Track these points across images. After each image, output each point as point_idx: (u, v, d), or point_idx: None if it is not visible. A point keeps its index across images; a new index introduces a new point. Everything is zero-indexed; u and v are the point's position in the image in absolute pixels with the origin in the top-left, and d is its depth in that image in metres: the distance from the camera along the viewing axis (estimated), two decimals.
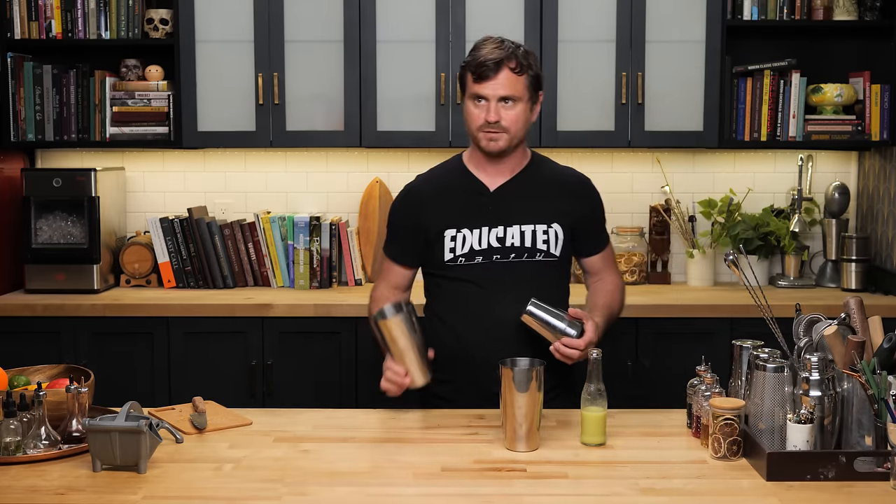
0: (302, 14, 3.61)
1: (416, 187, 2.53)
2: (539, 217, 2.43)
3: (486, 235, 2.40)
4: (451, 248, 2.41)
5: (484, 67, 2.33)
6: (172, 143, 3.69)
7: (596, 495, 1.81)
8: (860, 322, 2.03)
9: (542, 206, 2.44)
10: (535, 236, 2.41)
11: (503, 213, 2.42)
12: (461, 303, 2.42)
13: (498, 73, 2.33)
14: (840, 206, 3.84)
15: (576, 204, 2.49)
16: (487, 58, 2.33)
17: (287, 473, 1.91)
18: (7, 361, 2.39)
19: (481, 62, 2.33)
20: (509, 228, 2.41)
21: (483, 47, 2.37)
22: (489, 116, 2.34)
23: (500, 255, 2.40)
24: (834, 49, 3.86)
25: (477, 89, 2.35)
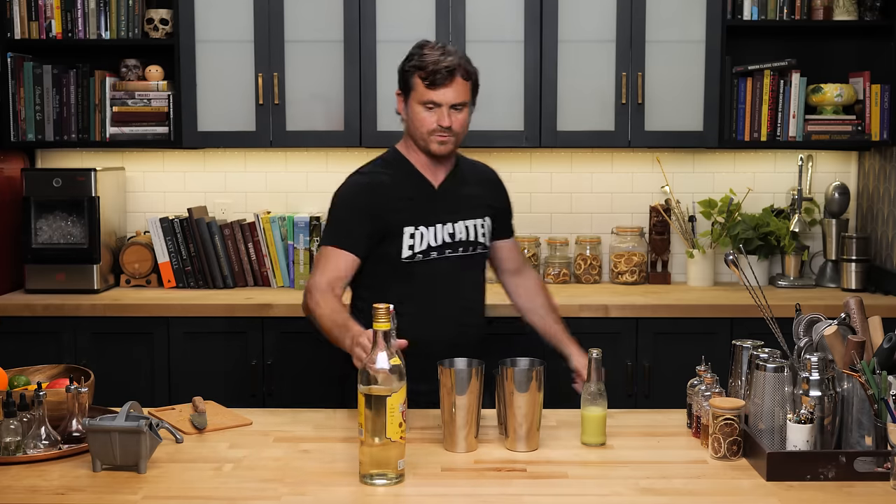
0: (302, 14, 3.62)
1: (372, 181, 2.51)
2: (476, 212, 2.56)
3: (441, 232, 2.49)
4: (409, 245, 2.46)
5: (438, 75, 2.39)
6: (172, 143, 3.69)
7: (596, 495, 1.81)
8: (860, 322, 2.03)
9: (476, 200, 2.58)
10: (476, 230, 2.56)
11: (450, 210, 2.52)
12: (416, 298, 2.45)
13: (452, 80, 2.41)
14: (840, 206, 3.84)
15: (496, 196, 2.66)
16: (441, 65, 2.40)
17: (287, 473, 1.91)
18: (7, 361, 2.39)
19: (435, 70, 2.39)
20: (456, 224, 2.52)
21: (429, 52, 2.42)
22: (443, 122, 2.42)
23: (451, 251, 2.51)
24: (834, 49, 3.86)
25: (431, 96, 2.41)
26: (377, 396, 1.83)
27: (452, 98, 2.42)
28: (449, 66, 2.40)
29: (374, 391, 1.83)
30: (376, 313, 1.86)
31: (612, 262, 3.88)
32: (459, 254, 2.52)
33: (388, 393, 1.82)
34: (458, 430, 2.02)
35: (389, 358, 1.84)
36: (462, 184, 2.57)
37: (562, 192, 3.95)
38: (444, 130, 2.43)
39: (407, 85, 2.46)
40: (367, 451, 1.85)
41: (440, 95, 2.41)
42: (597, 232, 3.96)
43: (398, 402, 1.84)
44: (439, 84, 2.40)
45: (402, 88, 2.49)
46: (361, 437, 1.85)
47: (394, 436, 1.84)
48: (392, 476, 1.85)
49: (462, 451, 2.02)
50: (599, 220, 3.98)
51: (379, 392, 1.83)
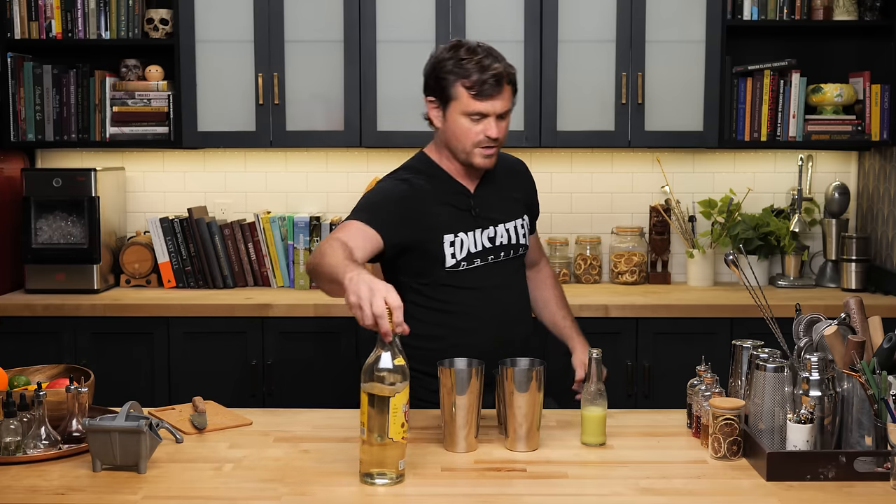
0: (302, 14, 3.62)
1: (414, 186, 2.37)
2: (514, 213, 2.48)
3: (480, 237, 2.39)
4: (451, 254, 2.35)
5: (486, 85, 2.25)
6: (172, 143, 3.69)
7: (596, 495, 1.81)
8: (860, 322, 2.03)
9: (512, 200, 2.49)
10: (517, 232, 2.47)
11: (488, 214, 2.42)
12: (463, 308, 2.37)
13: (501, 90, 2.28)
14: (840, 206, 3.84)
15: (526, 190, 2.57)
16: (487, 75, 2.25)
17: (287, 473, 1.91)
18: (7, 361, 2.39)
19: (482, 80, 2.25)
20: (497, 228, 2.43)
21: (469, 58, 2.27)
22: (491, 132, 2.29)
23: (493, 256, 2.41)
24: (834, 49, 3.86)
25: (479, 107, 2.27)
26: (380, 396, 1.82)
27: (501, 108, 2.29)
28: (496, 75, 2.26)
29: (377, 390, 1.82)
30: None
31: (612, 262, 3.88)
32: (502, 259, 2.42)
33: (392, 394, 1.82)
34: (458, 430, 2.02)
35: (394, 358, 1.84)
36: (498, 185, 2.45)
37: (562, 192, 3.95)
38: (491, 142, 2.30)
39: (445, 93, 2.29)
40: (368, 451, 1.84)
41: (489, 106, 2.27)
42: (597, 232, 3.96)
43: (401, 402, 1.83)
44: (487, 95, 2.25)
45: (436, 95, 2.32)
46: (363, 436, 1.84)
47: (396, 436, 1.82)
48: (392, 476, 1.85)
49: (462, 451, 2.02)
50: (599, 220, 3.98)
51: (382, 392, 1.82)
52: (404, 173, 2.42)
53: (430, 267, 2.36)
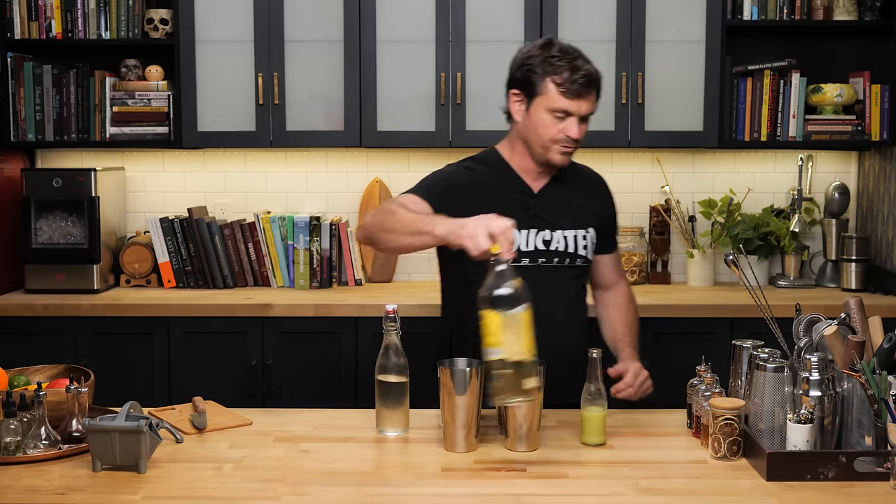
0: (302, 14, 3.62)
1: (474, 176, 2.40)
2: (579, 222, 2.43)
3: (533, 238, 2.38)
4: None
5: (576, 85, 2.27)
6: (172, 143, 3.69)
7: (596, 495, 1.81)
8: (860, 322, 2.03)
9: (579, 210, 2.45)
10: (577, 242, 2.42)
11: (548, 216, 2.39)
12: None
13: (590, 92, 2.30)
14: (840, 206, 3.84)
15: (602, 205, 2.53)
16: (579, 73, 2.27)
17: (287, 473, 1.91)
18: (7, 361, 2.39)
19: (575, 80, 2.27)
20: (554, 233, 2.39)
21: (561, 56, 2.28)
22: (572, 132, 2.30)
23: (545, 259, 2.39)
24: (834, 49, 3.86)
25: (566, 105, 2.28)
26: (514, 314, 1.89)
27: (586, 110, 2.31)
28: (587, 76, 2.28)
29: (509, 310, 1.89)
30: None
31: None
32: (555, 264, 2.39)
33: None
34: (458, 430, 2.02)
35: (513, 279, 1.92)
36: (565, 191, 2.44)
37: None
38: (571, 142, 2.32)
39: (532, 88, 2.31)
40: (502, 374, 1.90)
41: (576, 106, 2.29)
42: None
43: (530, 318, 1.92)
44: (576, 95, 2.27)
45: (522, 89, 2.34)
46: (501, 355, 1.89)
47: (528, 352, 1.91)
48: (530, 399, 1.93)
49: (462, 451, 2.02)
50: None
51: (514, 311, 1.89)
52: (470, 163, 2.45)
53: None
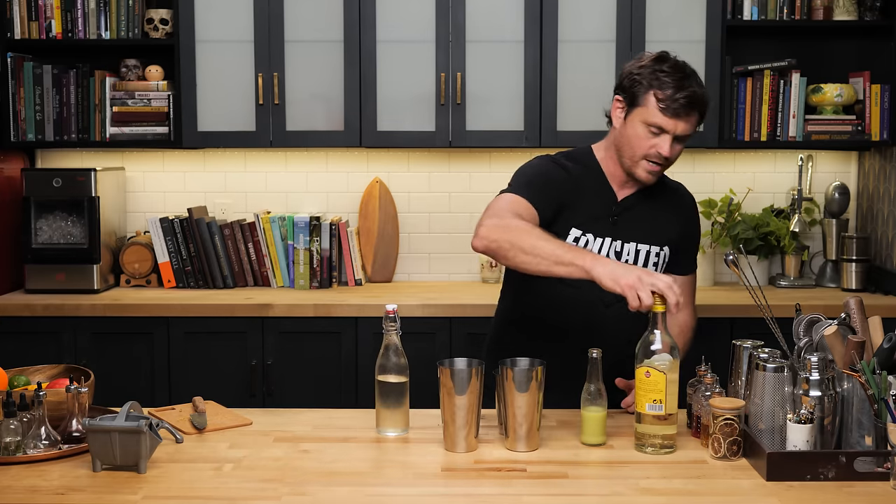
0: (302, 14, 3.62)
1: (564, 168, 2.37)
2: (655, 238, 2.39)
3: (607, 247, 2.35)
4: None
5: (677, 104, 2.23)
6: (172, 143, 3.69)
7: (596, 495, 1.81)
8: (860, 322, 2.03)
9: (658, 226, 2.40)
10: (649, 257, 2.38)
11: (626, 228, 2.36)
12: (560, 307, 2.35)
13: (690, 114, 2.26)
14: (840, 206, 3.84)
15: (683, 225, 2.47)
16: (681, 94, 2.23)
17: (287, 473, 1.91)
18: (7, 361, 2.39)
19: (678, 99, 2.23)
20: (627, 244, 2.36)
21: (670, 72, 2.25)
22: (663, 150, 2.26)
23: None
24: (834, 49, 3.86)
25: (662, 122, 2.24)
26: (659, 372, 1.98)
27: (682, 130, 2.26)
28: (691, 97, 2.23)
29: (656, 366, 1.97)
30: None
31: None
32: None
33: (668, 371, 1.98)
34: (458, 430, 2.02)
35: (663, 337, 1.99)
36: (648, 205, 2.39)
37: None
38: (661, 159, 2.28)
39: (635, 97, 2.27)
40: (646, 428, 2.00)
41: (672, 125, 2.25)
42: None
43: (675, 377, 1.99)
44: (674, 114, 2.23)
45: (625, 97, 2.31)
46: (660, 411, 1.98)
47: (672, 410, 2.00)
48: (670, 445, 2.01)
49: (462, 451, 2.02)
50: None
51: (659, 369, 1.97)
52: (563, 158, 2.42)
53: None
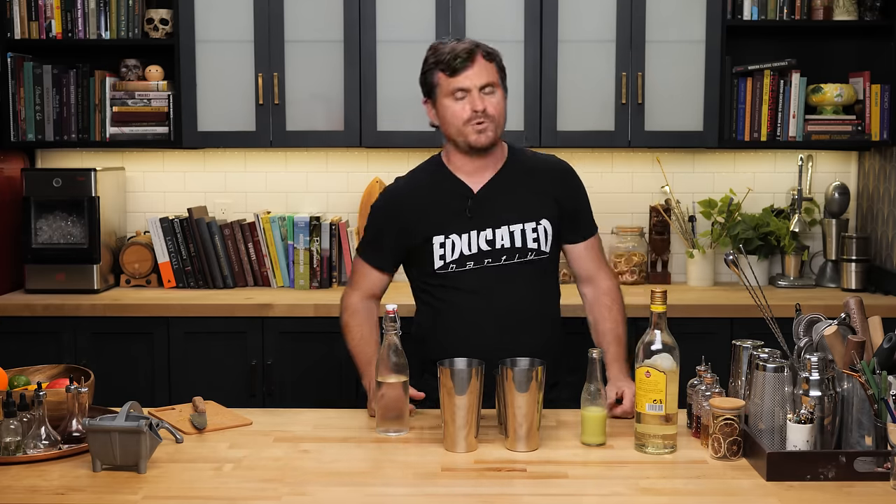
0: (302, 14, 3.62)
1: (398, 191, 2.48)
2: (526, 215, 2.39)
3: (476, 239, 2.37)
4: (440, 255, 2.37)
5: (458, 59, 2.29)
6: (172, 143, 3.69)
7: (596, 495, 1.81)
8: (860, 322, 2.03)
9: (527, 202, 2.41)
10: (525, 235, 2.39)
11: (490, 215, 2.38)
12: (457, 311, 2.39)
13: (473, 62, 2.30)
14: (840, 206, 3.84)
15: (558, 192, 2.45)
16: (458, 50, 2.30)
17: (287, 473, 1.91)
18: (7, 361, 2.39)
19: (455, 54, 2.30)
20: (498, 230, 2.38)
21: (442, 46, 2.35)
22: (476, 105, 2.30)
23: (491, 259, 2.37)
24: (834, 49, 3.86)
25: (456, 83, 2.30)
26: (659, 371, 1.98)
27: (478, 79, 2.30)
28: (467, 48, 2.30)
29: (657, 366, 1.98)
30: None
31: (612, 261, 3.88)
32: (503, 262, 2.37)
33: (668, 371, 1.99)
34: (458, 430, 2.02)
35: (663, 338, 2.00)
36: (512, 184, 2.41)
37: None
38: (481, 116, 2.30)
39: (431, 86, 2.36)
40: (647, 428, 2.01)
41: (465, 80, 2.30)
42: None
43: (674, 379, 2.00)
44: (460, 68, 2.29)
45: (426, 94, 2.39)
46: (660, 411, 1.99)
47: (672, 410, 2.01)
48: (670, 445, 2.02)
49: (462, 451, 2.02)
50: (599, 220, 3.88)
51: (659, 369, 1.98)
52: (410, 173, 2.51)
53: (425, 267, 2.42)
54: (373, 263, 2.48)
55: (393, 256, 2.47)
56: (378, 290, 2.51)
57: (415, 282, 2.50)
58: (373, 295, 2.50)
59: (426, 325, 2.48)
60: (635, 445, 2.04)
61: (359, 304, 2.48)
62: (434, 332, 2.45)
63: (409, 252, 2.43)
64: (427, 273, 2.42)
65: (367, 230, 2.51)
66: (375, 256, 2.48)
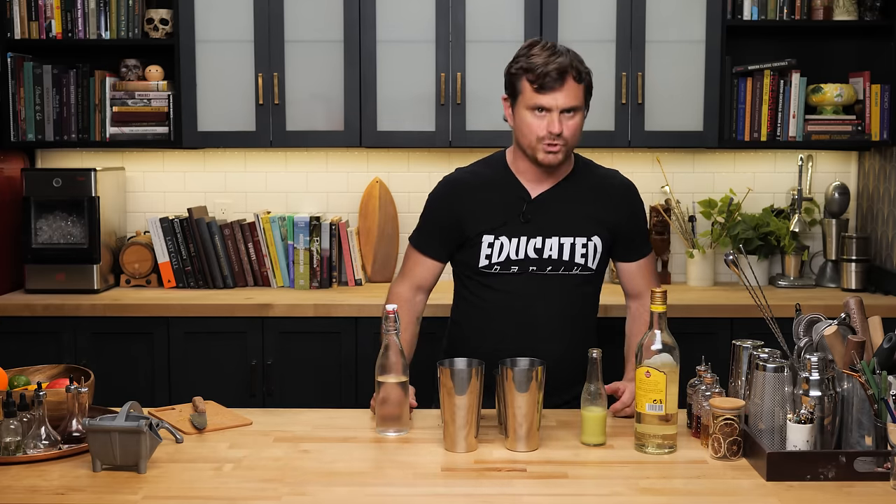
0: (302, 14, 3.62)
1: (459, 182, 2.45)
2: (579, 229, 2.38)
3: (525, 245, 2.36)
4: (486, 255, 2.37)
5: (548, 78, 2.24)
6: (172, 143, 3.69)
7: (596, 495, 1.81)
8: (860, 322, 2.03)
9: (582, 216, 2.39)
10: (574, 249, 2.38)
11: (543, 223, 2.37)
12: (491, 311, 2.39)
13: (563, 84, 2.26)
14: (840, 206, 3.84)
15: (619, 212, 2.43)
16: (549, 67, 2.24)
17: (287, 473, 1.91)
18: (7, 361, 2.39)
19: (545, 72, 2.24)
20: (548, 239, 2.36)
21: (538, 53, 2.28)
22: (553, 128, 2.27)
23: (536, 267, 2.37)
24: (834, 49, 3.86)
25: (540, 101, 2.27)
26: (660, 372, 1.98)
27: (563, 102, 2.26)
28: (559, 68, 2.24)
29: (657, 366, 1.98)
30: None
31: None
32: (547, 272, 2.36)
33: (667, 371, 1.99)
34: (458, 430, 2.02)
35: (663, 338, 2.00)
36: (570, 196, 2.39)
37: None
38: (555, 138, 2.28)
39: (514, 89, 2.31)
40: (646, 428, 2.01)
41: (550, 100, 2.26)
42: None
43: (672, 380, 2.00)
44: (549, 88, 2.25)
45: (508, 93, 2.35)
46: (660, 411, 1.99)
47: (672, 410, 2.01)
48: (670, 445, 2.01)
49: (462, 451, 2.02)
50: None
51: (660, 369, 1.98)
52: (472, 165, 2.49)
53: (470, 262, 2.41)
54: (426, 252, 2.45)
55: (446, 246, 2.44)
56: (428, 281, 2.47)
57: (457, 274, 2.48)
58: (421, 286, 2.46)
59: (460, 318, 2.48)
60: (635, 445, 2.04)
61: (405, 295, 2.44)
62: (466, 325, 2.45)
63: (461, 244, 2.42)
64: (471, 268, 2.41)
65: (423, 217, 2.47)
66: (429, 245, 2.44)
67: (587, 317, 2.49)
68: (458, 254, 2.45)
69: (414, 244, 2.48)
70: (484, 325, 2.42)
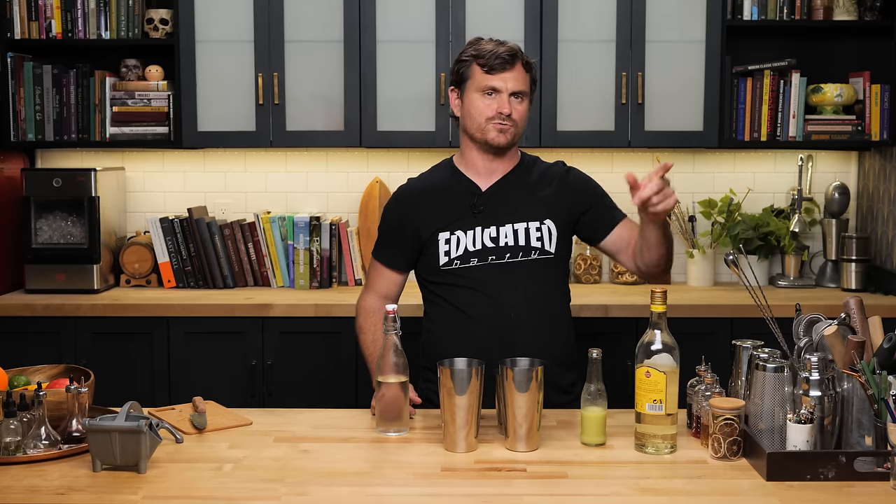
0: (302, 14, 3.62)
1: (408, 190, 2.54)
2: (530, 214, 2.43)
3: (480, 235, 2.40)
4: (445, 252, 2.41)
5: (499, 60, 2.34)
6: (172, 143, 3.69)
7: (596, 495, 1.81)
8: (860, 322, 2.03)
9: (532, 202, 2.44)
10: (529, 234, 2.41)
11: (495, 213, 2.42)
12: (461, 307, 2.41)
13: (513, 66, 2.36)
14: (840, 206, 3.84)
15: (565, 193, 2.47)
16: (500, 50, 2.35)
17: (287, 473, 1.91)
18: (7, 361, 2.39)
19: (497, 54, 2.34)
20: (502, 228, 2.41)
21: (486, 43, 2.39)
22: (503, 108, 2.35)
23: (495, 256, 2.40)
24: (834, 49, 3.86)
25: (491, 81, 2.35)
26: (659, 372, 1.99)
27: (513, 84, 2.35)
28: (510, 51, 2.35)
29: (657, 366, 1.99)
30: None
31: (612, 262, 3.88)
32: (507, 260, 2.40)
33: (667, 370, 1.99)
34: (458, 430, 2.02)
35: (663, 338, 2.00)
36: (518, 186, 2.45)
37: None
38: (505, 119, 2.35)
39: (462, 76, 2.40)
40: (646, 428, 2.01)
41: (500, 81, 2.35)
42: None
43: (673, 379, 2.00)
44: (499, 69, 2.34)
45: (455, 82, 2.43)
46: (660, 411, 1.99)
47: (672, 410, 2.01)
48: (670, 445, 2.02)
49: (462, 451, 2.02)
50: None
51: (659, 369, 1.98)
52: (422, 174, 2.57)
53: (431, 263, 2.45)
54: (386, 263, 2.51)
55: (405, 255, 2.49)
56: (393, 291, 2.53)
57: (422, 282, 2.51)
58: (387, 296, 2.51)
59: (431, 325, 2.50)
60: (635, 445, 2.04)
61: (373, 306, 2.50)
62: (438, 331, 2.47)
63: (420, 250, 2.46)
64: (433, 270, 2.44)
65: (380, 230, 2.55)
66: (388, 255, 2.51)
67: (556, 303, 2.48)
68: (420, 261, 2.48)
69: (375, 256, 2.54)
70: (456, 325, 2.42)
